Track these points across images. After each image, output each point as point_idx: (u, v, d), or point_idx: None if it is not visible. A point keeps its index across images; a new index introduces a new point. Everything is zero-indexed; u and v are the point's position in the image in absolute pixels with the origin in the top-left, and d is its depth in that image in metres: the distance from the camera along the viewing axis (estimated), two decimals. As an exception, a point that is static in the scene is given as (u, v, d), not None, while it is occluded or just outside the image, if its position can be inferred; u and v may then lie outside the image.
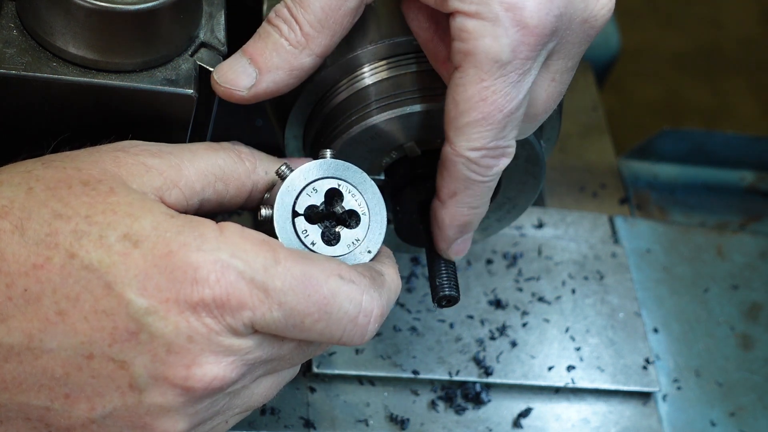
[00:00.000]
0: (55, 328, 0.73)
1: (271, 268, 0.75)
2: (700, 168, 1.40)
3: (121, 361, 0.73)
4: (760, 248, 1.31)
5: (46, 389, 0.74)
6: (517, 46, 0.80)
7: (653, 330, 1.21)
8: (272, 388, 0.83)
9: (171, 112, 0.86)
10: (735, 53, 2.73)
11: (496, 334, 1.14)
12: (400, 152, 0.93)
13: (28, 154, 0.80)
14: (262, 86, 0.85)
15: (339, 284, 0.77)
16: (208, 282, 0.73)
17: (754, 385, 1.19)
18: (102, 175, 0.77)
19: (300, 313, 0.75)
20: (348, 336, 0.78)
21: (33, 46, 0.84)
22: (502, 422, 1.09)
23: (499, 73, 0.80)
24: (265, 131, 1.24)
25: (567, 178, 1.34)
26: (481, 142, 0.82)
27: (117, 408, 0.75)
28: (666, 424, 1.14)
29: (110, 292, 0.73)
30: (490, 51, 0.80)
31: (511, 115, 0.82)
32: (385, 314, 0.80)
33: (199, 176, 0.81)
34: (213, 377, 0.74)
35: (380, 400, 1.07)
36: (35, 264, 0.73)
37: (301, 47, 0.84)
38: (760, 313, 1.25)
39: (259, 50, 0.85)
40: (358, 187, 0.84)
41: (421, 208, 0.92)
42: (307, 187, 0.83)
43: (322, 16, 0.84)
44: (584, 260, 1.22)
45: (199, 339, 0.73)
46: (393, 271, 0.84)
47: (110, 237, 0.73)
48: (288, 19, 0.84)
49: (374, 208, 0.84)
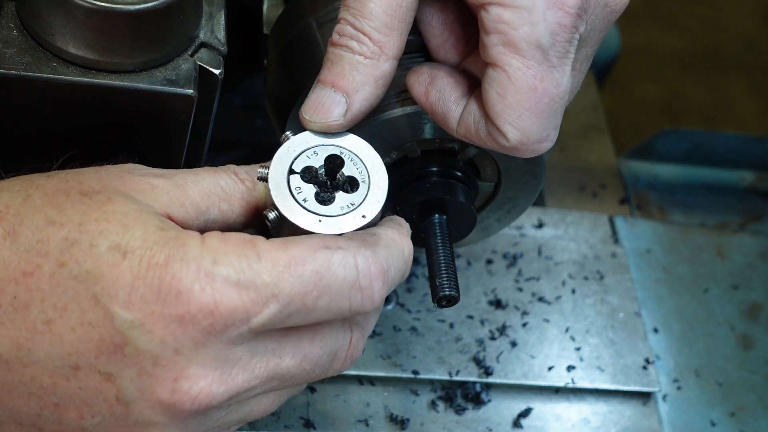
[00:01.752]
0: (43, 338, 0.73)
1: (255, 264, 0.73)
2: (700, 168, 1.40)
3: (108, 374, 0.73)
4: (760, 248, 1.31)
5: (36, 397, 0.74)
6: (554, 29, 0.80)
7: (653, 330, 1.21)
8: (273, 404, 0.81)
9: (171, 112, 0.86)
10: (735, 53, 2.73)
11: (496, 334, 1.14)
12: (400, 152, 0.93)
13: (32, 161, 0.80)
14: (356, 107, 0.84)
15: (327, 255, 0.75)
16: (192, 292, 0.72)
17: (754, 385, 1.19)
18: (103, 188, 0.76)
19: (298, 296, 0.74)
20: (357, 303, 0.76)
21: (33, 46, 0.84)
22: (502, 422, 1.09)
23: (543, 59, 0.80)
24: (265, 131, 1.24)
25: (567, 178, 1.34)
26: (535, 133, 0.82)
27: (106, 418, 0.74)
28: (666, 424, 1.14)
29: (96, 304, 0.72)
30: (530, 38, 0.80)
31: (561, 100, 0.82)
32: (386, 270, 0.77)
33: (203, 196, 0.80)
34: (199, 390, 0.73)
35: (380, 400, 1.07)
36: (25, 271, 0.73)
37: (377, 56, 0.83)
38: (760, 313, 1.25)
39: (338, 75, 0.83)
40: (361, 156, 0.83)
41: (421, 208, 0.92)
42: (308, 150, 0.82)
43: (387, 20, 0.83)
44: (584, 260, 1.22)
45: (186, 352, 0.72)
46: (396, 234, 0.81)
47: (100, 246, 0.73)
48: (355, 35, 0.83)
49: (375, 176, 0.83)
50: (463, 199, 0.93)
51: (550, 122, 0.83)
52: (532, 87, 0.81)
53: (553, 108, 0.82)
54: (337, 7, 0.93)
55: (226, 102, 1.23)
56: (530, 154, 0.84)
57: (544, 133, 0.83)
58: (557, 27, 0.80)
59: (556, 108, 0.82)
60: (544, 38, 0.80)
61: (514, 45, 0.80)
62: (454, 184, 0.93)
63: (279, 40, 0.98)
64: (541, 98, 0.81)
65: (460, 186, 0.94)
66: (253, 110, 1.26)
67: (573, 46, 0.82)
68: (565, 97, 0.83)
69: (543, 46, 0.80)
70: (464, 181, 0.94)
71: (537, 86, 0.81)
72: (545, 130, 0.83)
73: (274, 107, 0.99)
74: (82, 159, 0.80)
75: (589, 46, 0.85)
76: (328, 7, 0.94)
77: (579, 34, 0.82)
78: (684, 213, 1.35)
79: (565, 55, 0.82)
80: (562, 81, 0.82)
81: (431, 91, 0.86)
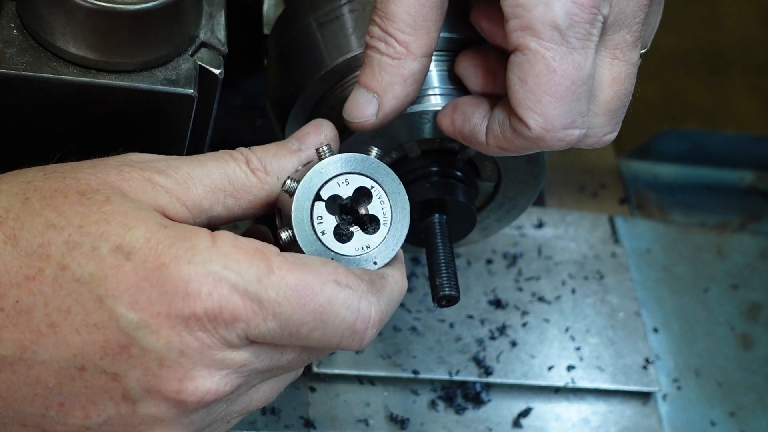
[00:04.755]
0: (47, 340, 0.72)
1: (265, 278, 0.73)
2: (700, 168, 1.40)
3: (114, 374, 0.73)
4: (760, 248, 1.31)
5: (41, 398, 0.74)
6: (570, 9, 0.79)
7: (653, 330, 1.21)
8: (272, 392, 0.82)
9: (171, 112, 0.86)
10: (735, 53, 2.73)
11: (496, 333, 1.14)
12: (400, 152, 0.93)
13: (32, 161, 0.80)
14: (387, 106, 0.85)
15: (335, 291, 0.75)
16: (200, 296, 0.72)
17: (754, 385, 1.19)
18: (100, 185, 0.76)
19: (296, 323, 0.74)
20: (346, 342, 0.76)
21: (33, 46, 0.84)
22: (502, 422, 1.09)
23: (561, 40, 0.79)
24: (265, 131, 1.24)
25: (567, 178, 1.34)
26: (558, 120, 0.81)
27: (111, 417, 0.74)
28: (666, 424, 1.14)
29: (101, 306, 0.72)
30: (545, 18, 0.79)
31: (583, 84, 0.81)
32: (384, 319, 0.78)
33: (208, 193, 0.79)
34: (206, 391, 0.73)
35: (380, 400, 1.07)
36: (27, 276, 0.73)
37: (404, 56, 0.84)
38: (760, 313, 1.25)
39: (369, 76, 0.85)
40: (390, 195, 0.82)
41: (421, 208, 0.92)
42: (339, 176, 0.80)
43: (411, 21, 0.83)
44: (584, 260, 1.22)
45: (191, 353, 0.72)
46: (398, 274, 0.82)
47: (102, 248, 0.72)
48: (381, 36, 0.84)
49: (397, 222, 0.82)
50: (463, 199, 0.93)
51: (574, 108, 0.81)
52: (551, 69, 0.79)
53: (576, 92, 0.80)
54: (337, 6, 0.93)
55: (226, 102, 1.23)
56: (559, 145, 0.82)
57: (569, 119, 0.81)
58: (574, 6, 0.79)
59: (579, 92, 0.80)
60: (561, 18, 0.79)
61: (530, 27, 0.79)
62: (454, 183, 0.93)
63: (279, 40, 0.98)
64: (561, 81, 0.80)
65: (460, 186, 0.93)
66: (253, 110, 1.26)
67: (596, 29, 0.80)
68: (589, 81, 0.81)
69: (560, 27, 0.79)
70: (464, 181, 0.94)
71: (556, 68, 0.79)
72: (569, 116, 0.81)
73: (274, 107, 0.99)
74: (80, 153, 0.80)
75: (627, 30, 0.83)
76: (328, 7, 0.94)
77: (602, 15, 0.80)
78: (684, 213, 1.35)
79: (586, 38, 0.80)
80: (585, 64, 0.80)
81: (456, 118, 0.87)
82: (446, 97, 0.89)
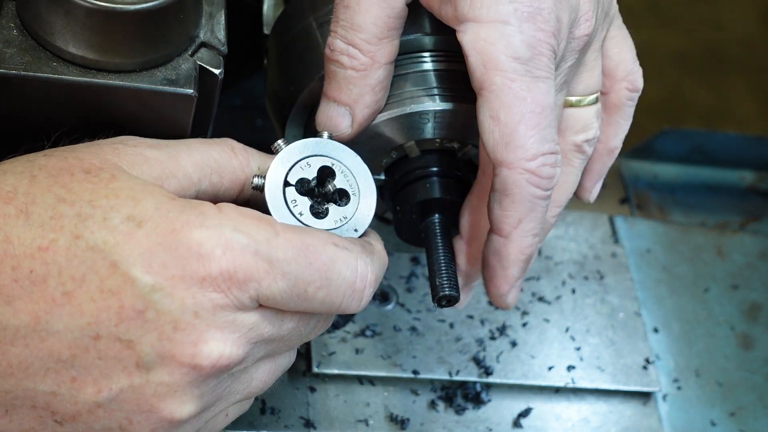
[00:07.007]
0: (62, 309, 0.73)
1: (273, 239, 0.75)
2: (700, 168, 1.40)
3: (128, 341, 0.74)
4: (760, 248, 1.31)
5: (53, 372, 0.74)
6: (532, 42, 0.80)
7: (653, 330, 1.21)
8: (271, 373, 0.83)
9: (171, 111, 0.86)
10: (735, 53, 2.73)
11: (496, 334, 1.14)
12: (400, 152, 0.93)
13: (28, 147, 0.80)
14: (360, 116, 0.87)
15: (335, 251, 0.78)
16: (213, 256, 0.74)
17: (754, 385, 1.19)
18: (103, 163, 0.77)
19: (303, 281, 0.76)
20: (347, 302, 0.79)
21: (33, 46, 0.84)
22: (502, 422, 1.09)
23: (525, 71, 0.80)
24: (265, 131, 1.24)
25: (567, 178, 1.34)
26: (536, 147, 0.81)
27: (124, 389, 0.75)
28: (666, 424, 1.14)
29: (116, 271, 0.73)
30: (508, 51, 0.80)
31: (552, 112, 0.81)
32: (378, 279, 0.81)
33: (196, 167, 0.82)
34: (219, 355, 0.75)
35: (380, 400, 1.07)
36: (40, 246, 0.74)
37: (369, 66, 0.85)
38: (760, 313, 1.25)
39: (337, 90, 0.86)
40: (351, 168, 0.85)
41: (421, 208, 0.92)
42: (301, 161, 0.83)
43: (377, 31, 0.84)
44: (584, 260, 1.22)
45: (205, 314, 0.74)
46: (381, 247, 0.85)
47: (114, 218, 0.74)
48: (344, 49, 0.85)
49: (365, 189, 0.85)
50: (462, 200, 0.93)
51: (548, 135, 0.81)
52: (521, 98, 0.80)
53: (548, 118, 0.81)
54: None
55: (226, 102, 1.23)
56: (547, 182, 0.82)
57: (546, 147, 0.81)
58: (534, 40, 0.80)
59: (551, 119, 0.81)
60: (522, 50, 0.80)
61: (493, 61, 0.80)
62: (454, 184, 0.93)
63: (279, 40, 0.98)
64: (533, 108, 0.80)
65: (460, 186, 0.94)
66: (253, 110, 1.26)
67: (553, 63, 0.81)
68: (556, 110, 0.82)
69: (522, 58, 0.80)
70: (464, 181, 0.94)
71: (525, 96, 0.80)
72: (546, 144, 0.81)
73: (274, 107, 0.99)
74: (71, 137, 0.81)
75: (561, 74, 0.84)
76: (328, 7, 0.94)
77: (555, 53, 0.82)
78: (684, 213, 1.35)
79: (547, 70, 0.81)
80: (551, 92, 0.81)
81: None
82: (445, 98, 0.88)
